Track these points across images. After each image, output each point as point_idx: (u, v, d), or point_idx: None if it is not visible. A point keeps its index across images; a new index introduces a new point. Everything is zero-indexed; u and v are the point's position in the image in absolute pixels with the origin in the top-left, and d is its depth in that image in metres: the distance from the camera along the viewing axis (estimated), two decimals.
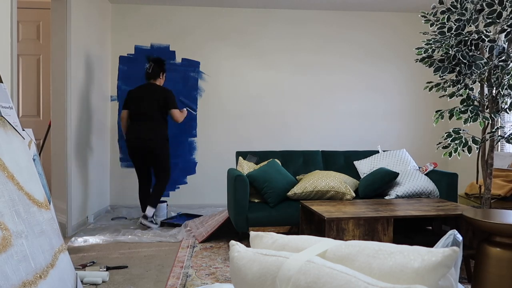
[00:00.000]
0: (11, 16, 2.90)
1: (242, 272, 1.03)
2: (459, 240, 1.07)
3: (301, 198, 3.56)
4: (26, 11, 4.52)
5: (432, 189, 3.63)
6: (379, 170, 3.69)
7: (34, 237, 1.96)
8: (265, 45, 5.49)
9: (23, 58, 4.58)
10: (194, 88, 5.43)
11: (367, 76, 5.63)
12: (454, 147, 3.04)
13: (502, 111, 3.09)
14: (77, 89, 4.20)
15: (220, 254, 3.40)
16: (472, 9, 2.97)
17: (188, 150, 5.43)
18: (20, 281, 1.75)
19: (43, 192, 2.25)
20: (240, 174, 3.47)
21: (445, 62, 3.07)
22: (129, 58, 5.36)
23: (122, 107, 4.40)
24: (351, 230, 2.61)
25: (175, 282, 2.77)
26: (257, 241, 1.15)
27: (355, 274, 0.86)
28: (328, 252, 1.00)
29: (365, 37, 5.61)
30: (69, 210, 3.97)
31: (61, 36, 3.91)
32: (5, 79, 2.82)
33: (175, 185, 5.41)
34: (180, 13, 5.40)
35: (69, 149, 3.97)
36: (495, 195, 3.64)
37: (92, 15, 4.62)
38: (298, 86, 5.54)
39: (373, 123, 5.65)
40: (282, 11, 5.50)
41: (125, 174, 5.35)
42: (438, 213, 2.76)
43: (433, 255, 0.85)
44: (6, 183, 1.90)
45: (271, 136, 5.49)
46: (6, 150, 2.02)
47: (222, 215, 4.05)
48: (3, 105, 2.19)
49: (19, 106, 4.58)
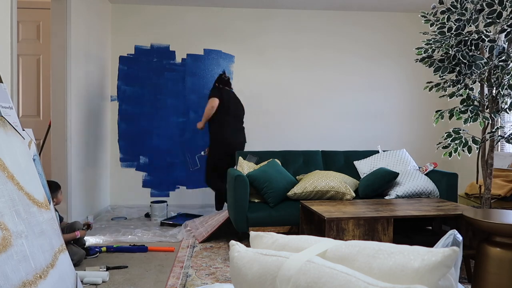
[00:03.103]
0: (11, 16, 2.90)
1: (242, 272, 1.03)
2: (459, 240, 1.07)
3: (301, 198, 3.56)
4: (26, 11, 4.52)
5: (432, 189, 3.63)
6: (379, 170, 3.69)
7: (34, 237, 1.96)
8: (265, 45, 5.49)
9: (23, 58, 4.58)
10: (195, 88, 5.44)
11: (367, 76, 5.63)
12: (454, 147, 3.04)
13: (502, 111, 3.09)
14: (77, 89, 4.21)
15: (220, 254, 3.40)
16: (472, 9, 2.97)
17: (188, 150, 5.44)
18: (20, 281, 1.75)
19: (43, 192, 2.25)
20: (240, 174, 3.47)
21: (445, 62, 3.07)
22: (129, 58, 5.36)
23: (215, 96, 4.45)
24: (351, 230, 2.61)
25: (175, 282, 2.77)
26: (257, 241, 1.15)
27: (355, 274, 0.86)
28: (328, 252, 1.00)
29: (365, 37, 5.61)
30: (69, 210, 3.97)
31: (61, 36, 3.91)
32: (5, 79, 2.82)
33: (175, 185, 5.41)
34: (180, 13, 5.40)
35: (69, 149, 3.97)
36: (495, 195, 3.64)
37: (92, 15, 4.62)
38: (298, 86, 5.54)
39: (373, 123, 5.65)
40: (282, 11, 5.50)
41: (125, 174, 5.35)
42: (438, 213, 2.76)
43: (433, 255, 0.85)
44: (6, 183, 1.90)
45: (271, 136, 5.49)
46: (6, 150, 2.02)
47: (222, 215, 4.05)
48: (3, 105, 2.19)
49: (19, 106, 4.58)
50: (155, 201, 4.89)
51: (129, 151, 5.36)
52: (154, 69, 5.37)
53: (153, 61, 5.38)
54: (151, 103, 5.37)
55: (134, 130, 5.36)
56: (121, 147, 5.36)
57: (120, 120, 5.35)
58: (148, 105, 5.37)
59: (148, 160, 5.37)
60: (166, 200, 5.27)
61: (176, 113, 5.40)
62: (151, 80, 5.37)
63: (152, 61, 5.38)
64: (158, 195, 5.39)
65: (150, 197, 5.35)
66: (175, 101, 5.39)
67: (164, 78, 5.38)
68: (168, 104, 5.38)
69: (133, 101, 5.36)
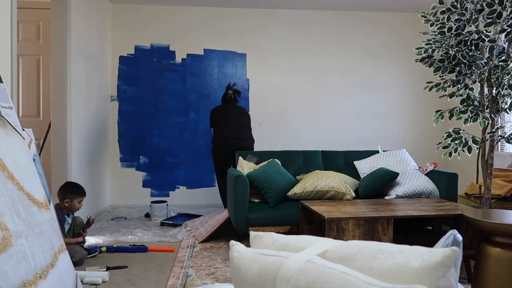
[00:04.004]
0: (11, 16, 2.90)
1: (242, 272, 1.03)
2: (459, 240, 1.07)
3: (301, 198, 3.56)
4: (26, 11, 4.52)
5: (432, 189, 3.63)
6: (379, 170, 3.69)
7: (34, 237, 1.96)
8: (265, 45, 5.49)
9: (23, 58, 4.58)
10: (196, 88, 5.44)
11: (367, 76, 5.63)
12: (454, 147, 3.04)
13: (502, 111, 3.09)
14: (77, 89, 4.20)
15: (220, 254, 3.40)
16: (472, 9, 2.97)
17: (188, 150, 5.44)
18: (20, 281, 1.75)
19: (43, 192, 2.25)
20: (240, 174, 3.47)
21: (445, 62, 3.07)
22: (129, 58, 5.36)
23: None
24: (351, 230, 2.61)
25: (175, 282, 2.77)
26: (257, 241, 1.15)
27: (355, 274, 0.86)
28: (328, 252, 1.00)
29: (365, 37, 5.61)
30: None
31: (61, 36, 3.91)
32: (5, 79, 2.82)
33: (175, 185, 5.41)
34: (180, 13, 5.40)
35: (69, 149, 3.97)
36: (495, 195, 3.64)
37: (92, 15, 4.62)
38: (298, 85, 5.54)
39: (373, 123, 5.65)
40: (282, 11, 5.50)
41: (125, 174, 5.35)
42: (438, 213, 2.76)
43: (433, 255, 0.85)
44: (6, 183, 1.90)
45: (271, 136, 5.49)
46: (6, 150, 2.02)
47: (222, 215, 4.05)
48: (3, 105, 2.19)
49: (19, 106, 4.58)
50: (155, 201, 4.89)
51: (129, 151, 5.36)
52: (154, 69, 5.37)
53: (153, 61, 5.38)
54: (151, 103, 5.37)
55: (134, 130, 5.36)
56: (121, 147, 5.36)
57: (120, 120, 5.35)
58: (148, 105, 5.37)
59: (148, 160, 5.37)
60: (166, 200, 5.27)
61: (176, 113, 5.40)
62: (151, 80, 5.37)
63: (152, 61, 5.38)
64: (158, 195, 5.39)
65: (150, 197, 5.35)
66: (175, 101, 5.39)
67: (164, 78, 5.38)
68: (168, 104, 5.38)
69: (133, 101, 5.36)
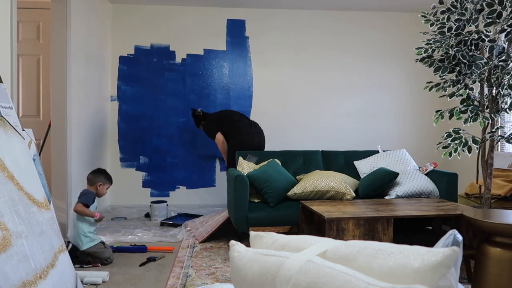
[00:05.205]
0: (11, 16, 2.90)
1: (242, 272, 1.03)
2: (459, 240, 1.07)
3: (301, 198, 3.56)
4: (26, 11, 4.52)
5: (432, 189, 3.63)
6: (379, 170, 3.69)
7: (34, 237, 1.96)
8: (265, 45, 5.49)
9: (23, 58, 4.58)
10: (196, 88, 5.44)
11: (367, 76, 5.63)
12: (454, 147, 3.04)
13: (502, 111, 3.09)
14: (77, 89, 4.20)
15: (220, 254, 3.40)
16: (472, 9, 2.97)
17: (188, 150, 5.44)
18: (20, 281, 1.75)
19: (43, 192, 2.25)
20: (240, 174, 3.47)
21: (445, 62, 3.07)
22: (129, 58, 5.36)
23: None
24: (351, 230, 2.61)
25: (175, 282, 2.77)
26: (257, 241, 1.15)
27: (355, 274, 0.86)
28: (328, 252, 1.00)
29: (365, 37, 5.61)
30: (69, 210, 3.96)
31: (61, 36, 3.91)
32: (5, 79, 2.82)
33: (175, 185, 5.41)
34: (180, 13, 5.40)
35: (69, 149, 3.97)
36: (495, 195, 3.64)
37: (92, 15, 4.62)
38: (298, 85, 5.54)
39: (373, 123, 5.65)
40: (282, 11, 5.50)
41: (125, 174, 5.35)
42: (438, 213, 2.76)
43: (433, 255, 0.85)
44: (6, 183, 1.90)
45: (271, 136, 5.49)
46: (6, 150, 2.02)
47: (222, 215, 4.05)
48: (3, 105, 2.19)
49: (19, 106, 4.58)
50: (155, 201, 4.89)
51: (129, 151, 5.36)
52: (154, 69, 5.37)
53: (153, 61, 5.38)
54: (151, 103, 5.37)
55: (134, 130, 5.36)
56: (121, 147, 5.36)
57: (120, 120, 5.35)
58: (148, 105, 5.37)
59: (148, 160, 5.37)
60: (166, 200, 5.27)
61: (176, 113, 5.40)
62: (151, 80, 5.37)
63: (152, 61, 5.38)
64: (158, 195, 5.39)
65: (150, 197, 5.35)
66: (175, 101, 5.39)
67: (164, 78, 5.38)
68: (168, 104, 5.38)
69: (133, 101, 5.36)
